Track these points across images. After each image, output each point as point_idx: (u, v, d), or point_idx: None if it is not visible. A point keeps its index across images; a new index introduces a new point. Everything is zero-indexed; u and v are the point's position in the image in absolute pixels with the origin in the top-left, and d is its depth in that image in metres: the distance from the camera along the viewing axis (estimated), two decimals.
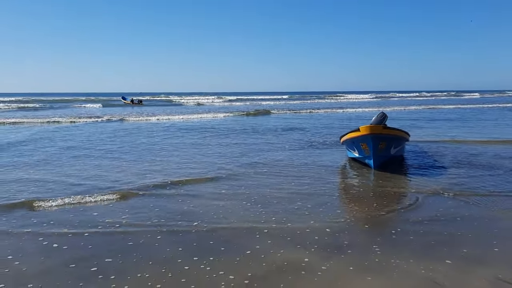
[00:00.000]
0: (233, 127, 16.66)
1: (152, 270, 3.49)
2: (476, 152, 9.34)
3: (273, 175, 7.26)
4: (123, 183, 6.59)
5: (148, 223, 4.72)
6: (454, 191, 5.94)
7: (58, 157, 9.16)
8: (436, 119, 20.26)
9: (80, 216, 4.97)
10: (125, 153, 9.81)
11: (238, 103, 46.35)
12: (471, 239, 4.11)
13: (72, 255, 3.83)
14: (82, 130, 15.43)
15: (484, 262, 3.55)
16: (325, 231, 4.39)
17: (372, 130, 7.03)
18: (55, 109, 33.17)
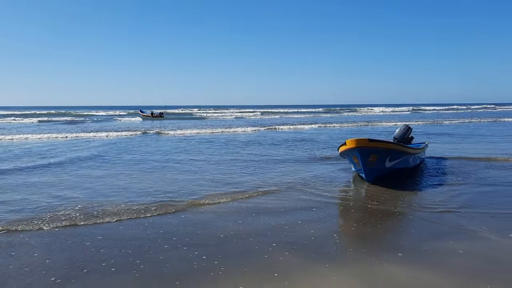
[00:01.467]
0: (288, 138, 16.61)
1: None
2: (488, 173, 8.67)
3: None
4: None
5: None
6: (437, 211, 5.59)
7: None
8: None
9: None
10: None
11: (271, 116, 46.74)
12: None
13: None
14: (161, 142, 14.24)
15: None
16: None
17: (357, 144, 7.07)
18: (97, 122, 34.24)
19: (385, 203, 6.04)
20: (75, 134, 18.86)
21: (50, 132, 19.77)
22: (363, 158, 7.24)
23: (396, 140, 10.25)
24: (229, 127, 23.66)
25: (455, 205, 5.87)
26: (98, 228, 4.82)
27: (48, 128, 25.21)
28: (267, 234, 4.58)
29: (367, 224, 5.05)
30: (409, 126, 10.49)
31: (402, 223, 5.17)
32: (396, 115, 47.21)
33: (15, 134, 18.43)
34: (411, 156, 8.49)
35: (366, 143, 7.09)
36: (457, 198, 6.34)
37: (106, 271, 3.60)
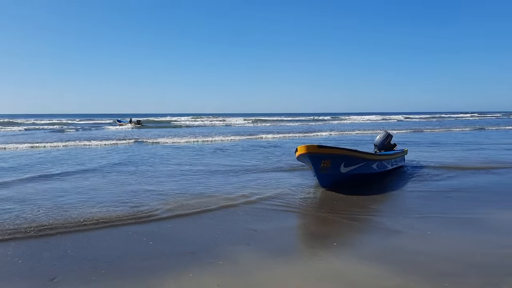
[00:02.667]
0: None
1: None
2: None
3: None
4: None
5: None
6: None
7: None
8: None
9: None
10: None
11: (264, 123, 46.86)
12: None
13: None
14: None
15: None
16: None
17: (306, 150, 7.21)
18: (87, 130, 33.72)
19: (335, 208, 6.33)
20: (73, 143, 18.67)
21: (45, 141, 19.56)
22: (314, 164, 7.43)
23: (377, 147, 10.41)
24: (225, 135, 22.48)
25: (398, 210, 6.49)
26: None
27: (40, 136, 25.16)
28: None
29: (314, 227, 5.46)
30: (389, 133, 10.65)
31: (349, 227, 5.47)
32: (385, 123, 48.01)
33: (15, 143, 18.03)
34: (374, 162, 8.62)
35: (315, 149, 7.26)
36: (406, 202, 6.95)
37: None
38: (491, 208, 6.23)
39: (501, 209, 6.13)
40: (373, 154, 8.86)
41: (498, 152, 13.85)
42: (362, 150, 8.55)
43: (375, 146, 10.53)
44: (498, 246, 4.49)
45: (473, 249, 4.41)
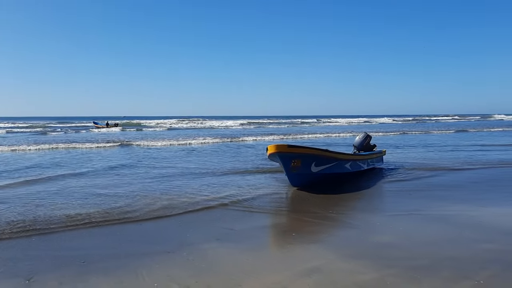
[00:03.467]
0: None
1: None
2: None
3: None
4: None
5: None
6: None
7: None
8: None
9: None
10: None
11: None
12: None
13: None
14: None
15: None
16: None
17: (276, 149, 7.27)
18: (73, 133, 32.48)
19: (308, 207, 6.38)
20: (63, 145, 18.25)
21: (34, 143, 19.06)
22: (284, 163, 7.49)
23: (356, 147, 10.54)
24: (205, 137, 20.95)
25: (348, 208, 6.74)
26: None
27: (26, 139, 24.51)
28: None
29: (289, 226, 5.48)
30: (368, 134, 10.80)
31: (323, 225, 5.56)
32: (366, 126, 48.59)
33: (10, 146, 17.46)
34: (347, 162, 8.73)
35: (285, 149, 7.33)
36: (381, 200, 7.10)
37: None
38: (464, 205, 6.37)
39: (474, 206, 6.26)
40: (346, 154, 8.98)
41: (470, 153, 14.17)
42: (334, 150, 8.66)
43: (354, 146, 10.67)
44: (471, 241, 4.58)
45: (447, 244, 4.49)
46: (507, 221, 5.49)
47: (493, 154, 14.04)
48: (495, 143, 18.91)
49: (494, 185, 8.12)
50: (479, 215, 5.72)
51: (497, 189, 7.68)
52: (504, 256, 4.07)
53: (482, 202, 6.63)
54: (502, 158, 12.55)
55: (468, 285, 3.39)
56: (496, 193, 7.36)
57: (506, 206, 6.38)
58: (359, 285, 3.41)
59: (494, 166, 10.74)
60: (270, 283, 3.46)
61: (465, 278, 3.54)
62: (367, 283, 3.45)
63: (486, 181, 8.59)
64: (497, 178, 9.03)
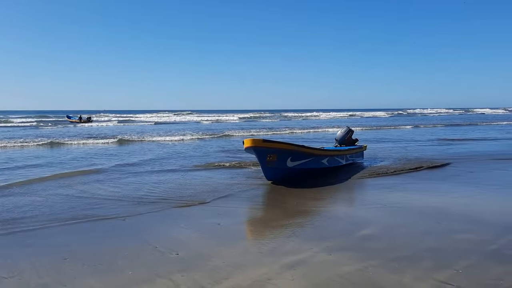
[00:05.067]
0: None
1: None
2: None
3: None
4: None
5: None
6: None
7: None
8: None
9: None
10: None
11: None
12: None
13: None
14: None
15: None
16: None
17: (252, 143, 7.36)
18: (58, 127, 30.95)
19: (289, 201, 6.50)
20: (58, 140, 17.92)
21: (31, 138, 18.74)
22: (260, 157, 7.61)
23: (337, 141, 10.66)
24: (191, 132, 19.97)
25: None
26: None
27: (19, 133, 24.11)
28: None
29: (273, 220, 5.46)
30: (350, 128, 10.93)
31: (306, 217, 5.67)
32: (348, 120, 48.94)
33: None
34: (324, 157, 8.85)
35: (260, 143, 7.45)
36: (362, 193, 7.22)
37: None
38: (443, 196, 6.55)
39: (452, 198, 6.45)
40: (322, 150, 9.09)
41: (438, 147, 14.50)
42: (310, 146, 8.79)
43: (336, 140, 10.79)
44: (450, 232, 4.73)
45: (427, 235, 4.62)
46: (478, 212, 5.67)
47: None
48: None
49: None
50: (454, 206, 5.89)
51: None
52: (481, 246, 4.22)
53: (454, 194, 6.83)
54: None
55: (448, 274, 3.51)
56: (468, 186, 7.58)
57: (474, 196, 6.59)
58: (343, 276, 3.49)
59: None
60: (256, 276, 3.51)
61: (444, 267, 3.65)
62: (351, 274, 3.53)
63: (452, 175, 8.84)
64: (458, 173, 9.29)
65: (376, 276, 3.48)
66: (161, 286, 3.33)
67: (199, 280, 3.43)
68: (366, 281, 3.39)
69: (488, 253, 4.04)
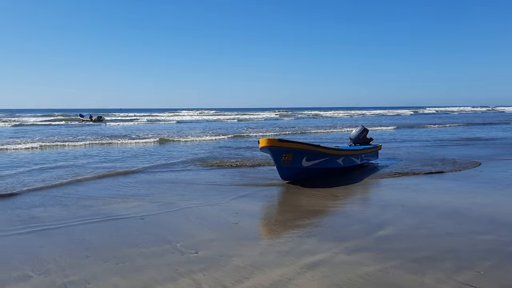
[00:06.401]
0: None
1: None
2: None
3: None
4: None
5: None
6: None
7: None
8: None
9: None
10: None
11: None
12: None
13: None
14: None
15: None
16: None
17: (267, 143, 7.39)
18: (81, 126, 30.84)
19: (308, 202, 6.51)
20: (113, 141, 17.59)
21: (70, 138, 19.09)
22: (275, 157, 7.64)
23: (352, 140, 10.63)
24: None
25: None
26: None
27: (52, 132, 24.71)
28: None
29: (291, 220, 5.47)
30: (365, 127, 10.85)
31: (324, 217, 5.63)
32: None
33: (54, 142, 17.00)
34: (339, 156, 8.85)
35: (275, 143, 7.47)
36: (381, 193, 7.19)
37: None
38: (464, 197, 6.48)
39: (473, 199, 6.39)
40: (337, 149, 9.07)
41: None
42: (326, 146, 8.79)
43: (351, 139, 10.77)
44: (471, 233, 4.69)
45: (447, 236, 4.60)
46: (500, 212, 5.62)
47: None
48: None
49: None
50: (475, 208, 5.84)
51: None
52: (503, 248, 4.18)
53: (476, 195, 6.76)
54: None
55: (470, 276, 3.49)
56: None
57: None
58: (363, 277, 3.49)
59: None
60: (276, 276, 3.53)
61: (464, 268, 3.63)
62: (371, 275, 3.53)
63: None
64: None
65: (396, 277, 3.48)
66: (183, 285, 3.38)
67: (220, 280, 3.48)
68: (387, 282, 3.39)
69: (510, 254, 4.00)
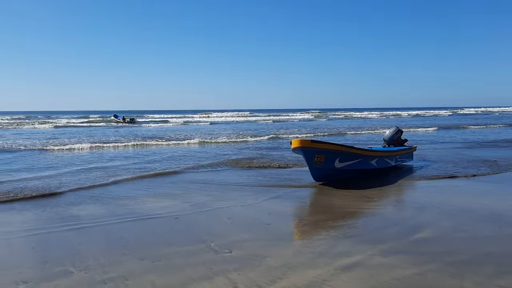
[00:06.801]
0: None
1: None
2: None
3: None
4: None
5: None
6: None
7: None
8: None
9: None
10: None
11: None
12: None
13: None
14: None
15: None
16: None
17: (299, 144, 7.35)
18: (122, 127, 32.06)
19: (342, 202, 6.44)
20: (148, 142, 17.35)
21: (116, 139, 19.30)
22: (307, 158, 7.59)
23: (385, 142, 10.45)
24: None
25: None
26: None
27: (100, 133, 25.38)
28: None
29: (325, 221, 5.41)
30: (400, 128, 10.65)
31: (360, 219, 5.58)
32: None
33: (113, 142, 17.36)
34: (373, 158, 8.70)
35: (308, 144, 7.44)
36: (417, 195, 6.98)
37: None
38: (506, 200, 6.28)
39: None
40: (371, 150, 8.93)
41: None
42: (359, 147, 8.68)
43: (384, 140, 10.60)
44: (510, 237, 4.55)
45: (487, 239, 4.46)
46: None
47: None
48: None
49: None
50: None
51: None
52: None
53: None
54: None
55: None
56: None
57: None
58: (400, 280, 3.43)
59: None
60: (311, 277, 3.53)
61: (505, 273, 3.52)
62: (408, 278, 3.47)
63: None
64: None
65: (434, 281, 3.40)
66: (219, 284, 3.42)
67: (255, 279, 3.50)
68: (425, 285, 3.32)
69: None
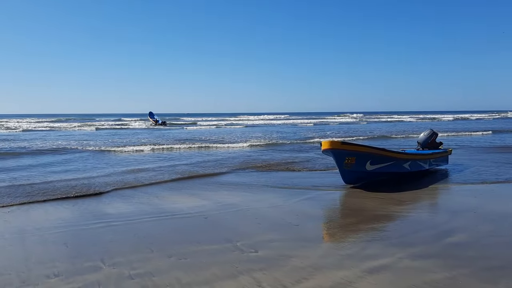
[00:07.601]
0: None
1: None
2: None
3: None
4: None
5: None
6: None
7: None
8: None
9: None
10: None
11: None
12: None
13: None
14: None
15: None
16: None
17: (330, 146, 7.20)
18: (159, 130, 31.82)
19: (373, 205, 6.30)
20: (197, 145, 17.05)
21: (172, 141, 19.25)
22: (337, 160, 7.47)
23: (419, 144, 10.19)
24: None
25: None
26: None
27: (149, 135, 25.77)
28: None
29: (355, 223, 5.32)
30: (434, 131, 10.34)
31: (390, 222, 5.45)
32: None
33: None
34: (406, 161, 8.47)
35: (338, 146, 7.30)
36: (451, 199, 6.80)
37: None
38: None
39: None
40: (404, 153, 8.69)
41: None
42: (391, 149, 8.47)
43: (418, 143, 10.34)
44: None
45: None
46: None
47: None
48: None
49: None
50: None
51: None
52: None
53: None
54: None
55: None
56: None
57: None
58: (430, 284, 3.33)
59: None
60: (337, 278, 3.48)
61: None
62: (439, 282, 3.36)
63: None
64: None
65: (466, 285, 3.28)
66: (244, 283, 3.42)
67: (280, 279, 3.48)
68: None
69: None
